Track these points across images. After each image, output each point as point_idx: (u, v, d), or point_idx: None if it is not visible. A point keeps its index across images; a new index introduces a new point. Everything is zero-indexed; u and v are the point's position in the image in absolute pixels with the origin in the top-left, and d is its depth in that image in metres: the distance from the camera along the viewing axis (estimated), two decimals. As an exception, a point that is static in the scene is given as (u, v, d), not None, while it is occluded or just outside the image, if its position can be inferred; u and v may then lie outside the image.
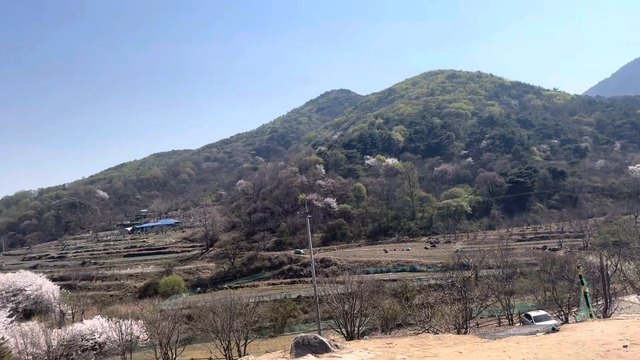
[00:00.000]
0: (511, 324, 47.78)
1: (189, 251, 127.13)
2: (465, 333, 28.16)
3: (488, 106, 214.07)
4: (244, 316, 49.70)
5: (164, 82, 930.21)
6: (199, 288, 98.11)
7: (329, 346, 8.01)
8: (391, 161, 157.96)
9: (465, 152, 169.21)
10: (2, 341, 45.26)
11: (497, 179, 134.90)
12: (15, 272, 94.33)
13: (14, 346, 45.56)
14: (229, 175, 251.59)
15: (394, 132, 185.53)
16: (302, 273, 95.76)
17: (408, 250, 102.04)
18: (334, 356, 7.60)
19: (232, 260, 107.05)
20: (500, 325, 47.24)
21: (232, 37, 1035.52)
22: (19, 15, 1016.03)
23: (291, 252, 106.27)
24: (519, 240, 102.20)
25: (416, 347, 8.33)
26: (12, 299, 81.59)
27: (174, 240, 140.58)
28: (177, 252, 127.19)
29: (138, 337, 51.45)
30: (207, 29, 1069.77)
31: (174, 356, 48.01)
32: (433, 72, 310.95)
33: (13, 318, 60.63)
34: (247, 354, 42.55)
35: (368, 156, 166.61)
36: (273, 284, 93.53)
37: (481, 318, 48.09)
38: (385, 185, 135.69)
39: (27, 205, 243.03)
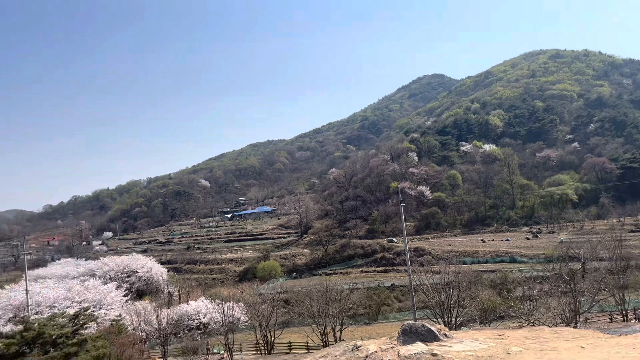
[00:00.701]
0: (625, 320, 44.13)
1: (284, 238, 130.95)
2: (575, 328, 26.34)
3: (596, 87, 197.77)
4: (339, 302, 50.30)
5: (261, 78, 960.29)
6: (294, 273, 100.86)
7: (438, 335, 7.75)
8: (488, 147, 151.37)
9: (571, 136, 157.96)
10: (119, 318, 49.47)
11: (606, 165, 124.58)
12: (128, 255, 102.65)
13: (129, 323, 49.66)
14: (321, 164, 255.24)
15: (492, 116, 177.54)
16: (395, 262, 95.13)
17: (507, 240, 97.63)
18: (443, 345, 7.34)
19: (326, 247, 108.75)
20: (612, 322, 43.80)
21: (323, 28, 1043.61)
22: (134, 14, 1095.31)
23: (384, 241, 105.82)
24: (632, 231, 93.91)
25: (531, 340, 7.84)
26: (127, 279, 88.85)
27: (270, 227, 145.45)
28: (273, 239, 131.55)
29: (239, 319, 53.90)
30: (297, 21, 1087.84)
31: (273, 338, 49.69)
32: (534, 52, 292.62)
33: (128, 297, 66.12)
34: (343, 340, 43.07)
35: (464, 142, 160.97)
36: (366, 272, 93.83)
37: (589, 313, 44.88)
38: (483, 173, 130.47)
39: (137, 193, 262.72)
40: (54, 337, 34.48)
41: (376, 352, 7.33)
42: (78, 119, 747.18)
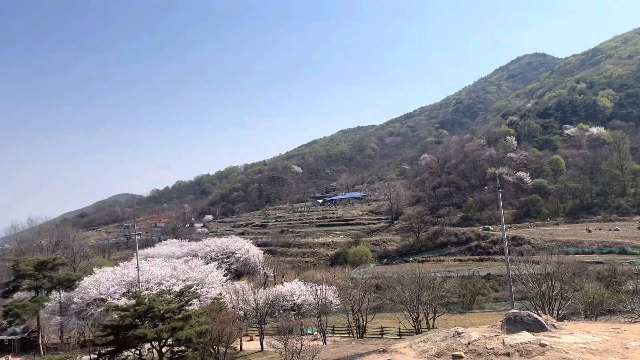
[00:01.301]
0: None
1: (374, 224, 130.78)
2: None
3: None
4: (431, 290, 49.56)
5: (353, 67, 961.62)
6: (385, 259, 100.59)
7: (545, 325, 7.39)
8: (596, 130, 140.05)
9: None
10: (219, 296, 52.31)
11: None
12: (227, 238, 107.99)
13: (228, 301, 52.32)
14: (412, 150, 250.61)
15: (600, 97, 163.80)
16: (491, 250, 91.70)
17: (617, 230, 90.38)
18: (551, 335, 6.99)
19: (417, 234, 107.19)
20: None
21: (417, 10, 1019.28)
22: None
23: (479, 229, 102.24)
24: None
25: (652, 335, 7.24)
26: (226, 260, 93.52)
27: (360, 213, 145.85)
28: (363, 224, 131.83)
29: (331, 302, 54.85)
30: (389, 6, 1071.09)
31: (365, 322, 50.10)
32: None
33: (227, 277, 69.69)
34: (436, 327, 42.42)
35: (567, 125, 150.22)
36: (460, 260, 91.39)
37: None
38: (589, 158, 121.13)
39: (235, 179, 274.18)
40: (162, 311, 37.22)
41: (479, 339, 7.15)
42: (185, 110, 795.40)
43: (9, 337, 62.28)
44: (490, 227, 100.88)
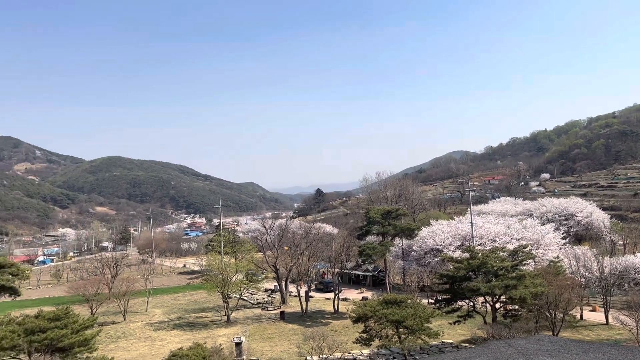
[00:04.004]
0: None
1: None
2: None
3: None
4: None
5: None
6: None
7: None
8: None
9: None
10: (557, 260, 49.27)
11: None
12: (566, 198, 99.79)
13: (567, 266, 48.76)
14: None
15: None
16: None
17: None
18: None
19: None
20: None
21: None
22: None
23: None
24: None
25: None
26: (564, 222, 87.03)
27: None
28: None
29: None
30: None
31: None
32: None
33: (566, 240, 64.80)
34: None
35: None
36: None
37: None
38: None
39: (576, 134, 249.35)
40: (495, 268, 37.49)
41: None
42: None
43: (363, 273, 73.67)
44: None
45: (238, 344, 37.41)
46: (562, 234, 67.47)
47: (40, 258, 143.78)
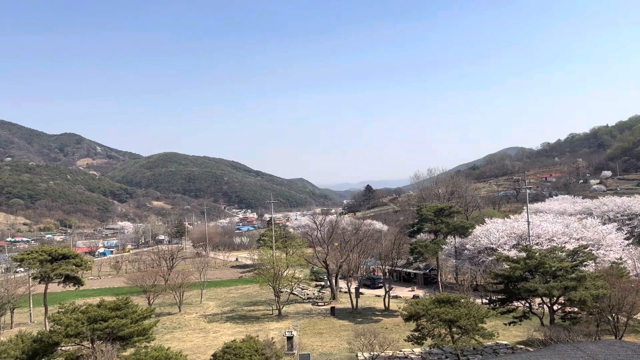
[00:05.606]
0: None
1: None
2: None
3: None
4: None
5: None
6: None
7: None
8: None
9: None
10: (619, 261, 47.03)
11: None
12: (630, 197, 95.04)
13: (631, 268, 46.54)
14: None
15: None
16: None
17: None
18: None
19: None
20: None
21: None
22: None
23: None
24: None
25: None
26: (628, 222, 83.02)
27: None
28: None
29: None
30: None
31: None
32: None
33: (629, 241, 61.69)
34: None
35: None
36: None
37: None
38: None
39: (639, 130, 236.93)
40: (553, 268, 36.22)
41: None
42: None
43: (414, 271, 72.85)
44: None
45: (289, 338, 37.90)
46: (625, 234, 64.29)
47: (101, 250, 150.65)
